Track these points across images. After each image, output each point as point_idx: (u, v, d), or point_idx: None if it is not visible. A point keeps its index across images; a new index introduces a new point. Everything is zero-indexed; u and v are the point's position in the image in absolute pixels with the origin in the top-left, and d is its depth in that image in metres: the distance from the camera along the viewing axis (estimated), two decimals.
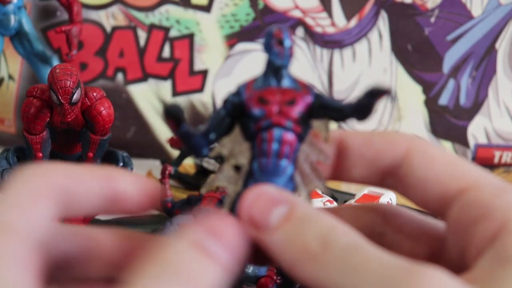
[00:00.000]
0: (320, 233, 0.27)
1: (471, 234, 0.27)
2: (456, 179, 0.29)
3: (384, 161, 0.30)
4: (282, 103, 0.30)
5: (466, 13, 0.93)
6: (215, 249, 0.27)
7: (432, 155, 0.29)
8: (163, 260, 0.26)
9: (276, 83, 0.30)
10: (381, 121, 0.96)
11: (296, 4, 0.92)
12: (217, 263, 0.27)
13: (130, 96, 0.95)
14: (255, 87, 0.30)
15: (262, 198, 0.28)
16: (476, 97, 0.96)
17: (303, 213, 0.28)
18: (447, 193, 0.29)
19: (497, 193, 0.28)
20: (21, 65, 0.94)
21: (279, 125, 0.29)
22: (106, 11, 0.93)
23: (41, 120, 0.68)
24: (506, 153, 0.97)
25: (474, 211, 0.28)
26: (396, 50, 0.94)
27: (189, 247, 0.27)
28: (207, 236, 0.27)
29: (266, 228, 0.28)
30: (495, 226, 0.27)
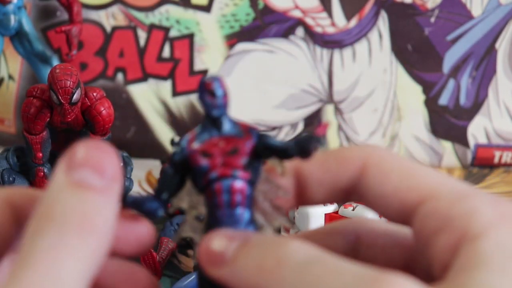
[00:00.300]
0: (274, 251, 0.27)
1: (434, 246, 0.27)
2: (413, 190, 0.28)
3: (342, 181, 0.30)
4: (225, 153, 0.29)
5: (466, 13, 0.93)
6: (90, 180, 0.27)
7: (388, 168, 0.29)
8: (51, 216, 0.26)
9: (217, 132, 0.30)
10: (381, 121, 0.96)
11: (296, 4, 0.92)
12: (101, 193, 0.27)
13: (130, 96, 0.95)
14: (197, 141, 0.30)
15: (218, 237, 0.28)
16: (476, 97, 0.96)
17: (257, 240, 0.28)
18: (407, 206, 0.28)
19: (454, 201, 0.27)
20: (21, 65, 0.94)
21: (225, 176, 0.29)
22: (106, 11, 0.93)
23: (41, 120, 0.68)
24: (506, 153, 0.97)
25: (433, 222, 0.27)
26: (396, 50, 0.94)
27: (66, 190, 0.26)
28: (78, 170, 0.27)
29: (224, 263, 0.27)
30: (456, 235, 0.26)
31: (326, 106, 0.96)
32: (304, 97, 0.95)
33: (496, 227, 0.26)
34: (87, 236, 0.26)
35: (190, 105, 0.96)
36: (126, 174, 0.73)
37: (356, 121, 0.96)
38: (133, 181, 0.75)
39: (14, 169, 0.72)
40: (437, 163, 0.97)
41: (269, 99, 0.95)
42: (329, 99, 0.96)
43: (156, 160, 0.93)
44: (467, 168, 0.97)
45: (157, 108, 0.95)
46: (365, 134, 0.97)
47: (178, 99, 0.95)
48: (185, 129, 0.95)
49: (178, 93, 0.95)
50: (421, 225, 0.28)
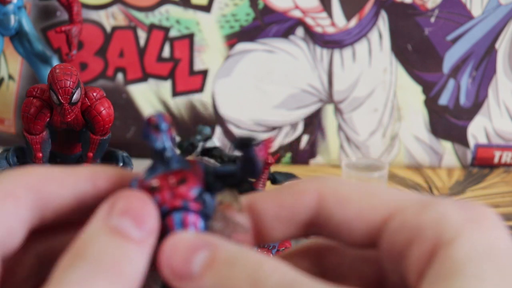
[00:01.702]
0: (248, 273, 0.26)
1: (407, 259, 0.26)
2: (376, 210, 0.28)
3: (299, 215, 0.29)
4: (173, 185, 0.29)
5: (466, 13, 0.93)
6: (130, 229, 0.27)
7: (344, 194, 0.28)
8: (83, 255, 0.26)
9: (164, 168, 0.29)
10: (381, 121, 0.96)
11: (296, 4, 0.92)
12: (136, 243, 0.27)
13: (130, 96, 0.95)
14: (146, 179, 0.29)
15: (181, 246, 0.27)
16: (476, 97, 0.95)
17: (227, 255, 0.27)
18: (372, 227, 0.28)
19: (420, 211, 0.27)
20: (21, 65, 0.94)
21: (176, 208, 0.28)
22: (106, 11, 0.93)
23: (41, 120, 0.68)
24: (506, 153, 0.97)
25: (403, 235, 0.27)
26: (396, 50, 0.94)
27: (104, 234, 0.27)
28: (119, 217, 0.27)
29: (189, 277, 0.26)
30: (428, 245, 0.26)
31: (326, 106, 0.96)
32: (304, 97, 0.95)
33: (467, 231, 0.26)
34: (117, 282, 0.26)
35: (190, 105, 0.95)
36: None
37: (356, 121, 0.96)
38: None
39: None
40: (437, 163, 0.97)
41: (269, 99, 0.95)
42: (329, 99, 0.96)
43: None
44: (467, 168, 0.97)
45: (157, 108, 0.95)
46: (365, 134, 0.97)
47: (178, 99, 0.95)
48: (185, 129, 0.95)
49: (178, 93, 0.95)
50: (390, 241, 0.27)
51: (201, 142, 0.86)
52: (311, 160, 0.98)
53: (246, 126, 0.96)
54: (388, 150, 0.97)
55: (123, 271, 0.26)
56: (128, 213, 0.27)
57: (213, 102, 0.95)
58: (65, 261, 0.26)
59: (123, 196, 0.28)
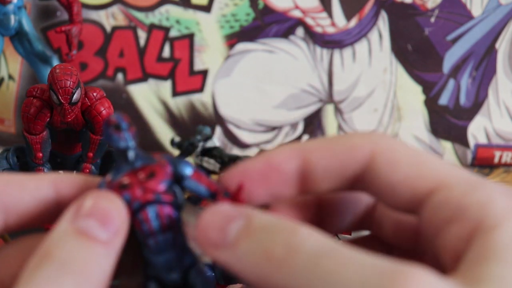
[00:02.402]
0: (283, 238, 0.26)
1: (445, 236, 0.26)
2: (424, 179, 0.28)
3: (349, 169, 0.29)
4: (142, 180, 0.29)
5: (466, 13, 0.93)
6: (95, 231, 0.27)
7: (397, 156, 0.28)
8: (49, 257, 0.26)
9: (130, 166, 0.30)
10: (381, 121, 0.96)
11: (296, 4, 0.92)
12: (102, 244, 0.27)
13: (130, 96, 0.95)
14: (113, 179, 0.29)
15: (216, 217, 0.27)
16: (476, 97, 0.95)
17: (262, 223, 0.27)
18: (417, 195, 0.28)
19: (467, 191, 0.27)
20: (21, 65, 0.94)
21: (148, 202, 0.29)
22: (106, 11, 0.93)
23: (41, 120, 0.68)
24: (506, 153, 0.97)
25: (445, 212, 0.27)
26: (396, 50, 0.94)
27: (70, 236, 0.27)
28: (85, 218, 0.27)
29: (224, 245, 0.27)
30: (470, 226, 0.26)
31: (326, 106, 0.96)
32: (304, 97, 0.95)
33: (510, 218, 0.26)
34: (83, 283, 0.26)
35: (190, 105, 0.95)
36: None
37: (356, 121, 0.96)
38: None
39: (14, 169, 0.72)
40: None
41: (269, 99, 0.95)
42: (329, 99, 0.96)
43: None
44: (467, 168, 0.97)
45: (157, 108, 0.95)
46: None
47: (178, 99, 0.95)
48: (185, 129, 0.95)
49: (178, 93, 0.95)
50: (432, 214, 0.27)
51: (201, 142, 0.86)
52: None
53: (246, 126, 0.96)
54: None
55: (89, 272, 0.26)
56: (93, 214, 0.27)
57: (213, 102, 0.95)
58: (32, 262, 0.26)
59: (90, 197, 0.28)
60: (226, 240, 0.27)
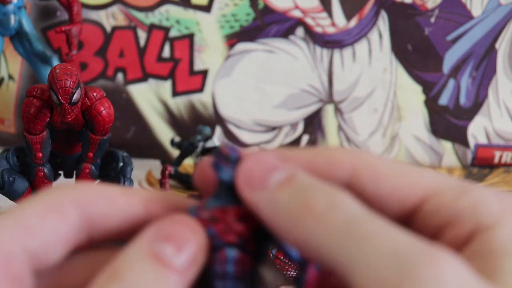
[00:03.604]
0: (325, 195, 0.25)
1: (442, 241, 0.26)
2: (412, 190, 0.27)
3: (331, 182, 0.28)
4: (235, 220, 0.28)
5: (466, 13, 0.93)
6: (170, 257, 0.26)
7: (380, 170, 0.28)
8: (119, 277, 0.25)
9: (227, 201, 0.28)
10: (381, 121, 0.96)
11: (296, 4, 0.92)
12: (174, 272, 0.26)
13: (130, 96, 0.95)
14: (207, 206, 0.28)
15: (262, 163, 0.27)
16: (476, 97, 0.96)
17: (305, 179, 0.26)
18: (407, 205, 0.27)
19: (459, 196, 0.27)
20: (21, 65, 0.94)
21: (230, 243, 0.27)
22: (106, 11, 0.93)
23: (41, 120, 0.68)
24: (506, 153, 0.97)
25: (440, 218, 0.26)
26: (396, 50, 0.94)
27: (144, 258, 0.26)
28: (161, 242, 0.26)
29: (263, 188, 0.26)
30: (466, 228, 0.26)
31: (326, 106, 0.96)
32: (304, 97, 0.95)
33: (506, 218, 0.26)
34: None
35: (190, 105, 0.95)
36: (126, 174, 0.73)
37: (356, 121, 0.96)
38: (133, 181, 0.75)
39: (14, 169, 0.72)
40: (437, 163, 0.97)
41: (269, 99, 0.95)
42: (329, 99, 0.96)
43: (156, 160, 0.93)
44: (467, 168, 0.97)
45: (157, 108, 0.95)
46: (365, 134, 0.97)
47: (178, 99, 0.95)
48: (185, 129, 0.95)
49: (178, 93, 0.95)
50: (425, 222, 0.27)
51: (201, 142, 0.86)
52: None
53: (246, 126, 0.96)
54: (388, 150, 0.97)
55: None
56: (171, 239, 0.26)
57: (213, 102, 0.95)
58: (101, 279, 0.26)
59: (169, 220, 0.27)
60: (266, 183, 0.26)
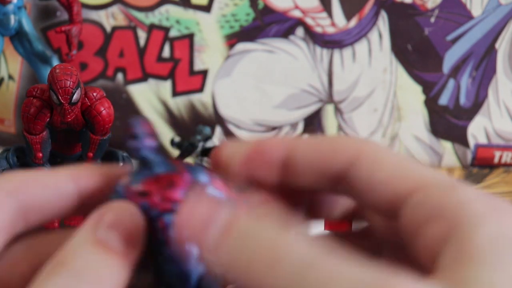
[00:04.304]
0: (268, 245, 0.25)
1: (423, 235, 0.26)
2: (405, 180, 0.28)
3: (332, 168, 0.29)
4: (162, 189, 0.29)
5: (466, 13, 0.93)
6: (113, 241, 0.27)
7: (380, 158, 0.29)
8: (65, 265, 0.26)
9: (150, 172, 0.30)
10: (381, 121, 0.96)
11: (296, 4, 0.92)
12: (118, 254, 0.27)
13: (130, 96, 0.95)
14: (132, 184, 0.29)
15: (197, 216, 0.27)
16: (476, 97, 0.96)
17: (243, 228, 0.26)
18: (397, 195, 0.28)
19: (445, 191, 0.27)
20: (21, 65, 0.94)
21: (166, 211, 0.29)
22: (106, 11, 0.93)
23: (41, 120, 0.68)
24: (506, 153, 0.97)
25: (423, 211, 0.27)
26: (396, 50, 0.94)
27: (88, 245, 0.27)
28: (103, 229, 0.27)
29: (204, 248, 0.26)
30: (447, 225, 0.26)
31: (326, 106, 0.96)
32: (304, 97, 0.95)
33: (489, 218, 0.26)
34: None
35: (190, 105, 0.96)
36: None
37: (356, 121, 0.96)
38: None
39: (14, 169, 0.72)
40: (437, 163, 0.97)
41: (269, 99, 0.95)
42: (329, 99, 0.96)
43: None
44: (467, 168, 0.97)
45: (157, 108, 0.95)
46: (365, 134, 0.97)
47: (178, 99, 0.95)
48: (185, 129, 0.95)
49: (178, 93, 0.95)
50: (410, 214, 0.27)
51: (201, 142, 0.86)
52: None
53: (246, 126, 0.96)
54: None
55: (104, 282, 0.26)
56: (115, 226, 0.28)
57: (213, 102, 0.95)
58: (47, 268, 0.26)
59: (112, 208, 0.28)
60: (206, 244, 0.26)
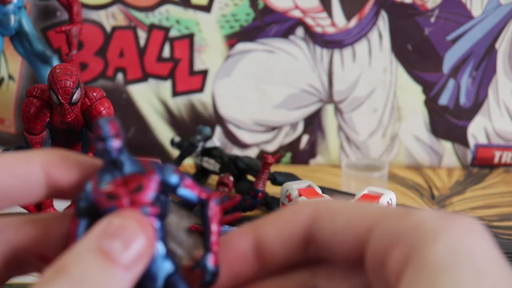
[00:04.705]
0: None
1: (388, 264, 0.27)
2: (363, 219, 0.29)
3: (297, 233, 0.30)
4: (131, 192, 0.29)
5: (466, 13, 0.93)
6: (118, 253, 0.27)
7: (336, 208, 0.29)
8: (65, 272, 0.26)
9: (119, 173, 0.30)
10: (381, 121, 0.96)
11: (296, 4, 0.92)
12: (121, 267, 0.26)
13: (130, 96, 0.95)
14: (100, 185, 0.29)
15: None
16: (476, 97, 0.95)
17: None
18: (359, 236, 0.28)
19: (401, 218, 0.28)
20: (21, 65, 0.94)
21: None
22: (106, 11, 0.93)
23: (41, 120, 0.68)
24: (506, 153, 0.97)
25: (384, 241, 0.27)
26: (396, 50, 0.94)
27: (91, 254, 0.26)
28: (109, 238, 0.27)
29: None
30: (406, 247, 0.26)
31: (326, 106, 0.96)
32: (304, 97, 0.95)
33: (444, 233, 0.26)
34: None
35: (190, 105, 0.96)
36: None
37: (356, 121, 0.96)
38: None
39: None
40: (437, 163, 0.97)
41: (269, 99, 0.95)
42: (329, 99, 0.96)
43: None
44: (467, 168, 0.97)
45: (157, 108, 0.95)
46: (365, 134, 0.97)
47: (178, 99, 0.95)
48: (185, 129, 0.95)
49: (178, 93, 0.95)
50: (374, 248, 0.28)
51: (201, 142, 0.86)
52: (311, 160, 0.98)
53: (246, 126, 0.96)
54: (388, 150, 0.97)
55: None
56: (120, 236, 0.27)
57: (213, 102, 0.95)
58: (48, 273, 0.26)
59: (120, 216, 0.28)
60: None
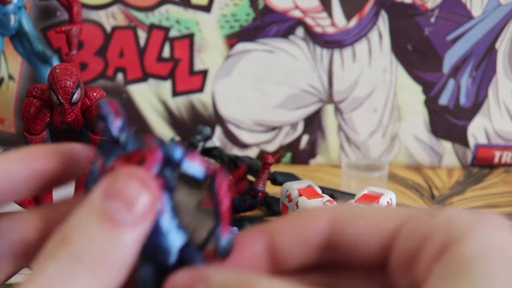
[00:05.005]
0: None
1: (418, 262, 0.27)
2: (389, 222, 0.28)
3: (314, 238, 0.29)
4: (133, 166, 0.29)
5: (466, 13, 0.93)
6: (121, 214, 0.26)
7: (357, 212, 0.29)
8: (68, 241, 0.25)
9: (122, 150, 0.30)
10: (381, 121, 0.96)
11: (296, 4, 0.92)
12: (127, 228, 0.25)
13: (130, 96, 0.95)
14: (105, 164, 0.29)
15: (180, 282, 0.27)
16: (476, 97, 0.95)
17: (220, 284, 0.27)
18: (385, 237, 0.28)
19: (430, 217, 0.27)
20: (21, 65, 0.94)
21: None
22: (106, 11, 0.93)
23: (41, 120, 0.68)
24: (506, 153, 0.97)
25: (414, 240, 0.27)
26: (396, 50, 0.94)
27: (93, 219, 0.25)
28: (111, 200, 0.26)
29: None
30: (439, 244, 0.26)
31: (326, 106, 0.96)
32: (304, 97, 0.95)
33: (476, 231, 0.26)
34: (100, 275, 0.25)
35: (190, 105, 0.96)
36: None
37: (356, 121, 0.96)
38: None
39: None
40: (437, 163, 0.97)
41: (269, 99, 0.95)
42: (329, 99, 0.96)
43: None
44: (467, 168, 0.97)
45: (157, 108, 0.95)
46: (365, 134, 0.97)
47: (178, 99, 0.95)
48: (185, 129, 0.95)
49: (178, 93, 0.95)
50: (402, 248, 0.28)
51: (201, 142, 0.86)
52: (311, 160, 0.98)
53: (246, 126, 0.96)
54: (388, 150, 0.97)
55: (108, 262, 0.25)
56: (122, 196, 0.26)
57: (213, 102, 0.95)
58: (49, 247, 0.25)
59: (121, 175, 0.27)
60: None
